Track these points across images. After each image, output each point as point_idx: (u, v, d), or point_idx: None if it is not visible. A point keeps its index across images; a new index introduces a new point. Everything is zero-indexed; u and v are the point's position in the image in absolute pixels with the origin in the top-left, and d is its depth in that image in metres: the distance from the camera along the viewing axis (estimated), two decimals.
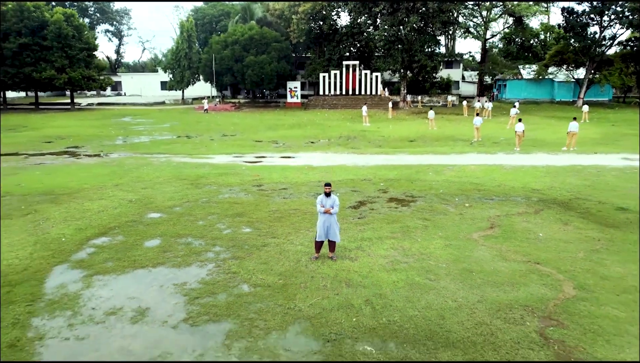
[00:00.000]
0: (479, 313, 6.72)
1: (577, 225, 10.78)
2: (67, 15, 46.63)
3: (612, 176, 15.98)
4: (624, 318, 6.62)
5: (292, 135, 28.26)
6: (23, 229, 10.54)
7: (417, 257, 8.78)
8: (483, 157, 19.77)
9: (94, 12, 78.65)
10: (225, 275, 8.08)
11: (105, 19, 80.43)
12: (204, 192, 14.01)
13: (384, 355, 5.77)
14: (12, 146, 24.04)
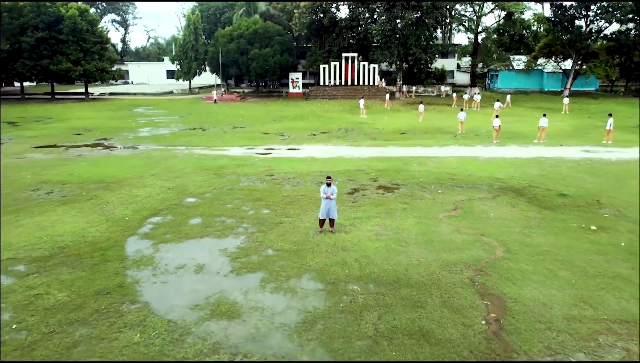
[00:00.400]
0: (432, 268, 9.79)
1: (522, 208, 13.83)
2: (81, 10, 49.15)
3: (567, 167, 18.98)
4: (530, 270, 9.68)
5: (295, 127, 31.19)
6: (92, 211, 13.58)
7: (395, 231, 11.84)
8: (462, 150, 22.77)
9: (101, 2, 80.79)
10: (254, 243, 11.14)
11: (112, 9, 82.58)
12: (227, 180, 17.03)
13: (365, 292, 8.83)
14: (47, 138, 26.99)
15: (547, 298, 8.56)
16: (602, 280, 9.26)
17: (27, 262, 10.16)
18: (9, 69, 48.89)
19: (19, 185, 16.54)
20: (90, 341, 7.31)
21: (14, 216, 13.10)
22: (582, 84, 57.06)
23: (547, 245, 11.03)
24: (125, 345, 7.19)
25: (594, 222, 12.60)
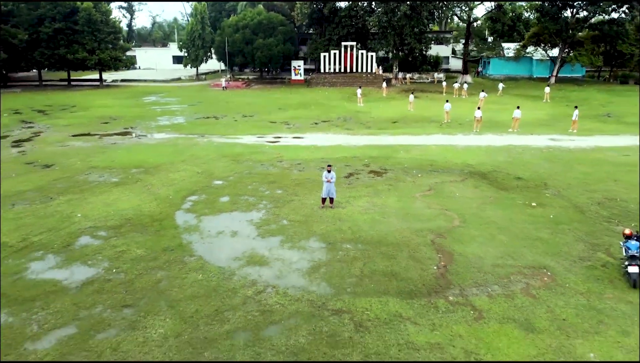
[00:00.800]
0: (405, 233, 13.29)
1: (483, 189, 17.30)
2: (95, 2, 51.88)
3: (530, 154, 22.40)
4: (476, 235, 13.18)
5: (299, 115, 34.47)
6: (141, 191, 17.05)
7: (380, 207, 15.32)
8: (445, 138, 26.15)
9: None
10: (273, 216, 14.63)
11: None
12: (245, 166, 20.46)
13: (355, 249, 12.33)
14: (79, 127, 30.30)
15: (483, 253, 12.09)
16: (526, 242, 12.78)
17: (105, 229, 13.67)
18: (28, 58, 51.92)
19: (73, 170, 19.98)
20: (168, 279, 10.85)
21: (82, 195, 16.58)
22: (569, 70, 60.05)
23: (494, 217, 14.53)
24: (193, 281, 10.73)
25: (536, 200, 16.08)
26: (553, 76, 56.89)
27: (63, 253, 12.17)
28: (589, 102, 41.67)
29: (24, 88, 52.82)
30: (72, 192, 16.96)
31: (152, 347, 8.46)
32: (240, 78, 59.74)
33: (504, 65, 62.84)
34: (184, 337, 8.72)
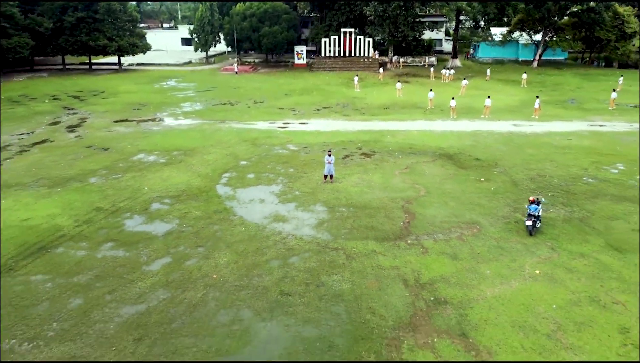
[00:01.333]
0: (384, 200, 18.50)
1: (447, 168, 22.44)
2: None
3: (492, 139, 27.46)
4: (435, 201, 18.39)
5: (303, 102, 39.33)
6: (186, 170, 22.20)
7: (367, 182, 20.51)
8: (426, 124, 31.16)
9: None
10: (288, 188, 19.83)
11: None
12: (262, 149, 25.56)
13: (348, 211, 17.55)
14: (116, 113, 35.22)
15: (436, 214, 17.32)
16: (469, 206, 18.01)
17: (168, 198, 18.89)
18: (53, 44, 56.35)
19: (127, 152, 25.10)
20: (222, 231, 16.09)
21: (141, 173, 21.74)
22: (552, 54, 64.45)
23: (450, 189, 19.73)
24: (239, 232, 15.98)
25: (485, 176, 21.25)
26: (536, 60, 61.39)
27: (144, 215, 17.43)
28: (561, 87, 46.49)
29: (50, 72, 57.37)
30: (134, 170, 22.13)
31: (221, 268, 13.75)
32: (248, 62, 64.13)
33: (492, 49, 67.07)
34: (239, 263, 14.01)
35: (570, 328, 11.03)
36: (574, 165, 22.79)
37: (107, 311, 11.75)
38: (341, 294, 12.40)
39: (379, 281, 12.98)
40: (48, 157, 24.34)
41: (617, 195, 19.06)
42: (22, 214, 17.29)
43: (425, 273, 13.42)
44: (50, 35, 55.14)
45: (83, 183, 20.39)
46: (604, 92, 42.23)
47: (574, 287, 12.72)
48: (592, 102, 38.80)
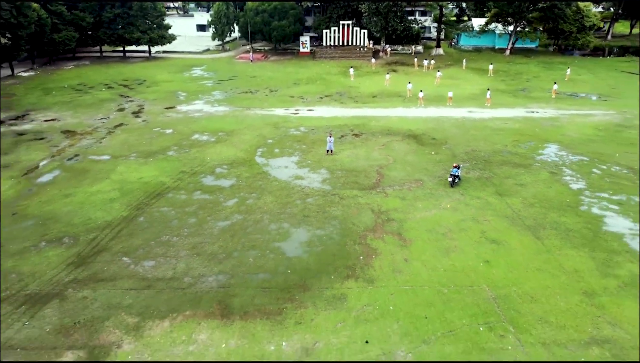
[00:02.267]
0: (365, 166, 28.36)
1: (411, 145, 32.23)
2: None
3: (449, 123, 37.10)
4: (399, 168, 28.24)
5: (309, 91, 48.74)
6: (232, 146, 31.98)
7: (355, 154, 30.35)
8: (403, 111, 40.73)
9: None
10: (302, 159, 29.69)
11: None
12: (281, 131, 35.27)
13: (342, 173, 27.42)
14: (164, 101, 44.65)
15: (398, 174, 27.20)
16: (419, 170, 27.88)
17: (225, 165, 28.74)
18: (93, 36, 65.23)
19: (185, 133, 34.78)
20: (264, 184, 25.98)
21: (201, 148, 31.52)
22: (524, 42, 73.25)
23: (410, 159, 29.57)
24: (274, 185, 25.88)
25: (436, 150, 31.05)
26: (508, 48, 70.33)
27: (213, 175, 27.32)
28: (520, 76, 55.77)
29: (90, 60, 66.41)
30: (196, 146, 31.93)
31: (268, 203, 23.67)
32: (260, 49, 72.96)
33: (472, 39, 75.75)
34: (277, 201, 23.93)
35: (455, 231, 21.05)
36: (499, 143, 32.59)
37: (211, 224, 21.77)
38: (336, 216, 22.39)
39: (358, 210, 22.98)
40: (131, 136, 34.13)
41: (518, 163, 28.94)
42: (136, 175, 27.23)
43: (384, 206, 23.40)
44: (91, 29, 64.06)
45: (165, 156, 30.27)
46: (557, 81, 51.45)
47: (466, 214, 22.72)
48: (539, 91, 48.23)
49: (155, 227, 21.52)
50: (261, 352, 14.34)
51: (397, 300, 16.57)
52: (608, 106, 42.45)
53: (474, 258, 19.01)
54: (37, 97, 46.07)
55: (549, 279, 17.72)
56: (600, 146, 31.98)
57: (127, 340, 14.84)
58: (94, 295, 16.91)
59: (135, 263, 18.81)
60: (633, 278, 17.74)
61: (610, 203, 23.73)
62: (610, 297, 16.71)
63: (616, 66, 62.10)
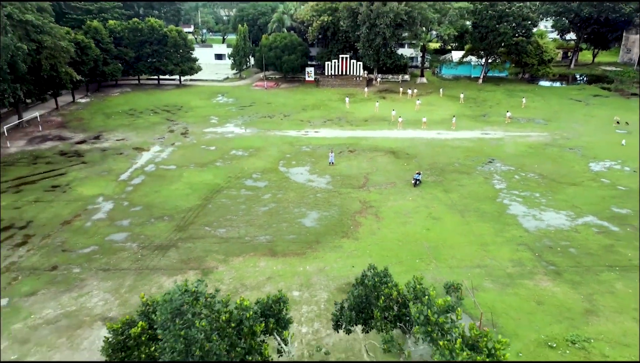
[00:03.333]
0: (356, 173, 40.32)
1: (390, 158, 44.26)
2: (178, 31, 77.06)
3: (421, 143, 49.16)
4: (379, 173, 40.19)
5: (314, 115, 60.89)
6: (262, 158, 43.98)
7: (350, 165, 42.33)
8: (387, 133, 52.80)
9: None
10: (312, 168, 41.69)
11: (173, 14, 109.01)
12: (296, 148, 47.33)
13: (340, 178, 39.33)
14: (202, 124, 56.72)
15: (379, 178, 39.12)
16: (395, 176, 39.82)
17: (258, 172, 40.69)
18: (134, 68, 77.65)
19: (225, 149, 46.77)
20: (287, 185, 37.90)
21: (239, 161, 43.49)
22: (496, 71, 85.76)
23: (389, 168, 41.54)
24: (295, 185, 37.81)
25: (407, 162, 43.04)
26: (481, 77, 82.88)
27: (251, 179, 39.25)
28: (485, 103, 67.96)
29: (131, 87, 78.77)
30: (234, 159, 43.93)
31: (291, 197, 35.54)
32: (272, 78, 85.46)
33: (452, 68, 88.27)
34: (298, 196, 35.78)
35: (412, 213, 32.91)
36: (454, 157, 44.56)
37: (255, 209, 33.64)
38: (336, 204, 34.25)
39: (350, 201, 34.87)
40: (186, 152, 46.16)
41: (463, 171, 40.89)
42: (198, 178, 39.19)
43: (367, 198, 35.29)
44: (133, 62, 76.53)
45: (214, 165, 42.26)
46: (513, 108, 63.62)
47: (420, 203, 34.59)
48: (497, 116, 60.34)
49: (220, 211, 33.41)
50: (295, 271, 26.15)
51: (372, 248, 28.44)
52: (545, 129, 54.57)
53: (420, 227, 30.88)
54: (102, 120, 58.26)
55: (463, 238, 29.56)
56: (526, 160, 44.00)
57: (220, 266, 26.67)
58: (195, 246, 28.78)
59: (213, 230, 30.68)
60: (513, 238, 29.61)
61: (517, 197, 35.70)
62: (495, 246, 28.57)
63: (568, 94, 74.39)
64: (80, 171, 41.21)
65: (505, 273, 25.85)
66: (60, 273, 25.98)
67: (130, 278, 25.58)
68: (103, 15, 79.89)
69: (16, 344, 20.81)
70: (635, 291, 24.23)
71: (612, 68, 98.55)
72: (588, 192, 36.71)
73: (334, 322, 17.08)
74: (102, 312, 22.86)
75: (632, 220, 31.91)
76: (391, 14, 69.53)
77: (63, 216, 32.63)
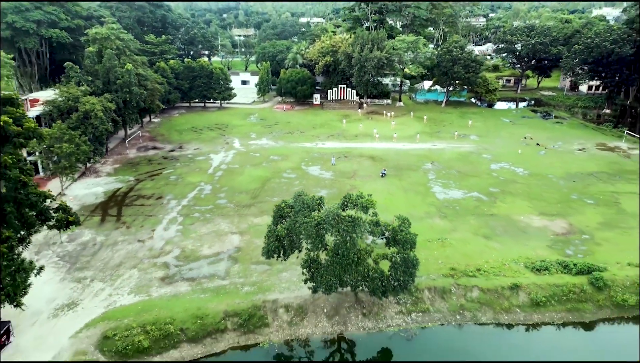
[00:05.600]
0: (350, 171, 66.05)
1: (370, 161, 69.98)
2: (220, 68, 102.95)
3: (391, 151, 74.90)
4: (363, 170, 65.89)
5: (321, 132, 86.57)
6: (289, 162, 69.66)
7: (344, 166, 68.07)
8: (370, 145, 78.47)
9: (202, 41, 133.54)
10: (323, 167, 67.40)
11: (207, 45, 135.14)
12: (310, 155, 73.05)
13: (339, 173, 64.99)
14: (245, 138, 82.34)
15: (363, 173, 64.80)
16: (372, 172, 65.51)
17: (289, 169, 66.34)
18: (188, 96, 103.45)
19: (266, 155, 72.40)
20: (307, 176, 63.56)
21: (276, 162, 69.16)
22: (455, 96, 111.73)
23: (368, 167, 67.24)
24: (312, 176, 63.45)
25: (381, 164, 68.66)
26: (444, 102, 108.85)
27: (285, 173, 64.90)
28: (442, 122, 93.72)
29: (186, 109, 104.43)
30: (273, 161, 69.58)
31: (310, 182, 61.14)
32: (288, 101, 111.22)
33: (424, 94, 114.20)
34: (314, 182, 61.39)
35: (379, 192, 58.41)
36: (410, 161, 70.18)
37: (292, 189, 59.18)
38: (336, 186, 59.86)
39: (344, 185, 60.54)
40: (242, 157, 71.84)
41: (413, 169, 66.54)
42: (255, 173, 64.89)
43: (354, 184, 60.94)
44: (187, 91, 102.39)
45: (262, 165, 67.93)
46: (461, 127, 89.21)
47: (384, 187, 60.23)
48: (446, 133, 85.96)
49: (272, 189, 59.05)
50: None
51: None
52: (475, 143, 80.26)
53: (382, 198, 56.26)
54: (177, 135, 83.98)
55: (403, 203, 55.16)
56: (453, 162, 69.68)
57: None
58: (263, 205, 54.39)
59: (270, 198, 56.21)
60: (429, 203, 55.26)
61: (439, 183, 61.41)
62: (419, 206, 54.24)
63: (505, 115, 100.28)
64: (182, 168, 66.92)
65: (420, 216, 51.36)
66: (201, 216, 51.61)
67: (235, 219, 51.18)
68: (165, 56, 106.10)
69: (197, 241, 46.35)
70: (480, 224, 49.82)
71: (549, 93, 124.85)
72: (481, 180, 62.45)
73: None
74: (229, 230, 48.44)
75: (497, 194, 57.59)
76: (375, 59, 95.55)
77: (186, 192, 58.29)
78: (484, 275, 40.35)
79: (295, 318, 36.31)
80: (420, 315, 37.26)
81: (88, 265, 41.85)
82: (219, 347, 33.92)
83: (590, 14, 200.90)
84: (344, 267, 34.23)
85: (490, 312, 37.49)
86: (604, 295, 38.40)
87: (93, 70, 69.37)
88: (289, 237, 35.62)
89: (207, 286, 39.04)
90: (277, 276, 40.37)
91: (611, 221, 50.66)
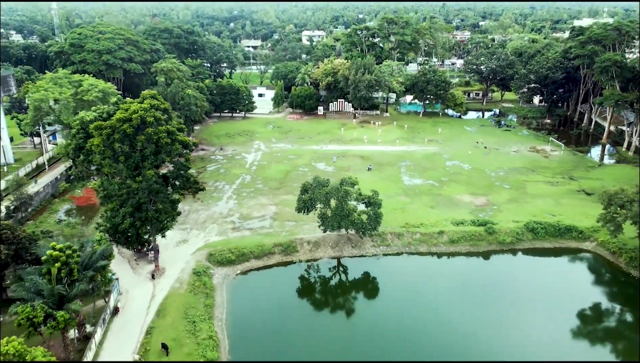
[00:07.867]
0: (346, 166, 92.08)
1: (360, 160, 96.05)
2: (245, 87, 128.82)
3: (376, 152, 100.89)
4: (354, 166, 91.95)
5: (325, 138, 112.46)
6: (302, 160, 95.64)
7: (342, 163, 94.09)
8: (361, 147, 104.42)
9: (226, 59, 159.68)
10: (327, 163, 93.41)
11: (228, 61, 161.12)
12: (317, 154, 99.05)
13: (339, 168, 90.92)
14: (268, 142, 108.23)
15: (355, 168, 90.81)
16: (361, 167, 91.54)
17: (303, 165, 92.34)
18: (219, 108, 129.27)
19: (285, 155, 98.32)
20: (316, 169, 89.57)
21: (295, 160, 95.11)
22: (430, 108, 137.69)
23: (358, 163, 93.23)
24: (319, 170, 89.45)
25: (368, 161, 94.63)
26: (421, 112, 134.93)
27: (301, 168, 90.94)
28: (418, 130, 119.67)
29: (217, 118, 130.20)
30: (291, 160, 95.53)
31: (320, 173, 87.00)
32: (297, 112, 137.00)
33: (406, 106, 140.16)
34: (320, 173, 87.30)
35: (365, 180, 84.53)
36: (390, 159, 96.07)
37: (306, 177, 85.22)
38: (335, 176, 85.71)
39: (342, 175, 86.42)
40: (269, 156, 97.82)
41: (390, 165, 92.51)
42: (279, 167, 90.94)
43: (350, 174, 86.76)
44: (218, 104, 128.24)
45: (283, 162, 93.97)
46: (432, 133, 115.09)
47: (369, 177, 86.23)
48: (419, 139, 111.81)
49: (293, 179, 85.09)
50: None
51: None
52: (439, 146, 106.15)
53: (368, 185, 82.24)
54: (217, 139, 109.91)
55: (381, 187, 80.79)
56: (420, 160, 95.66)
57: None
58: (288, 187, 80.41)
59: (293, 183, 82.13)
60: (399, 187, 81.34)
61: (407, 174, 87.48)
62: (390, 189, 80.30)
63: (469, 124, 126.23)
64: (227, 164, 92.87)
65: (391, 195, 77.15)
66: (247, 195, 77.62)
67: (271, 195, 77.31)
68: (200, 76, 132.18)
69: (248, 209, 72.35)
70: (429, 200, 75.88)
71: (510, 105, 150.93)
72: (437, 173, 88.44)
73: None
74: (267, 202, 74.57)
75: (445, 182, 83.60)
76: (366, 81, 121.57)
77: (234, 180, 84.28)
78: (424, 226, 66.39)
79: (313, 248, 62.33)
80: (385, 248, 63.27)
81: (185, 222, 67.81)
82: (271, 261, 59.95)
83: (571, 25, 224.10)
84: (340, 218, 60.19)
85: (425, 246, 63.53)
86: (493, 237, 64.43)
87: (163, 94, 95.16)
88: (311, 201, 61.53)
89: (260, 232, 65.06)
90: (301, 227, 66.41)
91: (515, 198, 76.78)
